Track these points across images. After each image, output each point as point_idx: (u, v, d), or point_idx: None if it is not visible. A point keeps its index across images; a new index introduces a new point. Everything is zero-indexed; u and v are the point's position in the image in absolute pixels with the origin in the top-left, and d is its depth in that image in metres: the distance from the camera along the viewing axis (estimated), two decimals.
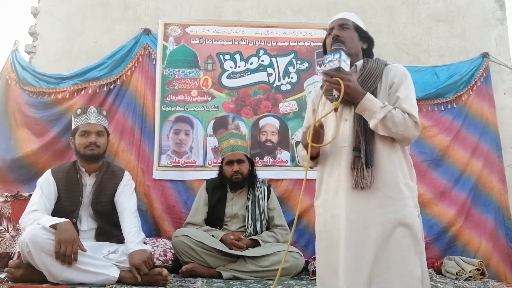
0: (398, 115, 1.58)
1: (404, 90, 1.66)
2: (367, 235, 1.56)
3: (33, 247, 2.17)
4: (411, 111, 1.61)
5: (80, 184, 2.58)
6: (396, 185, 1.60)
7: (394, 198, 1.58)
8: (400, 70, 1.73)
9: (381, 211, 1.57)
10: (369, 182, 1.58)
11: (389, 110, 1.58)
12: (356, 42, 1.78)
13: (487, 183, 3.65)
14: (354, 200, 1.61)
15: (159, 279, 2.34)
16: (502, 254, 3.49)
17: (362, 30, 1.82)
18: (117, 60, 3.67)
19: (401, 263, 1.54)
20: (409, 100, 1.65)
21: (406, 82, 1.69)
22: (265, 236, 3.03)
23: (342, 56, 1.56)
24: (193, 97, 3.72)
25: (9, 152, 3.39)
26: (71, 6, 3.85)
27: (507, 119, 3.90)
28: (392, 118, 1.57)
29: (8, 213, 3.03)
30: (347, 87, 1.55)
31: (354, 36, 1.78)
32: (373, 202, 1.59)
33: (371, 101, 1.60)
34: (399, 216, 1.57)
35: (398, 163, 1.63)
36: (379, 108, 1.58)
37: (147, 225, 3.33)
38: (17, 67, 3.59)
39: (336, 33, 1.75)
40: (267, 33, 3.90)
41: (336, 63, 1.55)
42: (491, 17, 4.13)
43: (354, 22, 1.81)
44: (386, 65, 1.78)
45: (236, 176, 3.10)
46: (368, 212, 1.58)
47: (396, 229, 1.56)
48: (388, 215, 1.57)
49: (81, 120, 2.60)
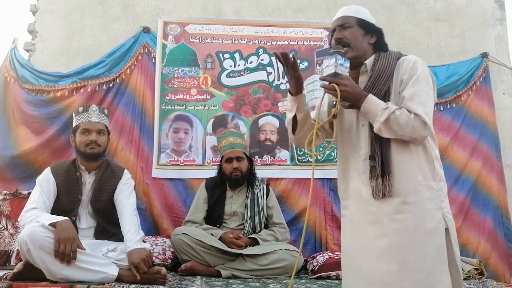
0: (403, 116, 1.48)
1: (412, 87, 1.54)
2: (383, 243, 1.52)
3: (32, 245, 2.16)
4: (417, 110, 1.49)
5: (79, 182, 2.57)
6: (414, 189, 1.53)
7: (412, 204, 1.52)
8: (410, 64, 1.59)
9: (397, 218, 1.52)
10: (387, 191, 1.52)
11: (392, 111, 1.49)
12: (361, 40, 1.67)
13: (486, 183, 3.66)
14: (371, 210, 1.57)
15: (158, 278, 2.33)
16: (501, 254, 3.51)
17: (367, 23, 1.69)
18: (116, 58, 3.66)
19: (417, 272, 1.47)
20: (417, 98, 1.52)
21: (415, 77, 1.55)
22: (264, 235, 3.03)
23: (338, 60, 1.51)
24: (193, 96, 3.72)
25: (8, 149, 3.39)
26: (70, 4, 3.84)
27: (506, 119, 3.91)
28: (396, 119, 1.48)
29: (7, 211, 3.02)
30: (344, 92, 1.51)
31: (358, 34, 1.66)
32: (390, 209, 1.53)
33: (373, 103, 1.53)
34: (416, 222, 1.50)
35: (417, 165, 1.56)
36: (381, 110, 1.50)
37: (146, 224, 3.33)
38: (16, 65, 3.58)
39: (337, 36, 1.66)
40: (266, 32, 3.90)
41: (332, 68, 1.51)
42: (490, 17, 4.14)
43: (357, 17, 1.68)
44: (399, 58, 1.64)
45: (235, 173, 3.10)
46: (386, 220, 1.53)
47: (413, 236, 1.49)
48: (404, 222, 1.51)
49: (82, 118, 2.60)
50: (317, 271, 2.90)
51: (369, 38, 1.69)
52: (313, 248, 3.47)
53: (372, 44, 1.70)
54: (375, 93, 1.58)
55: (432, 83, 1.60)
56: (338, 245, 3.28)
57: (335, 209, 3.52)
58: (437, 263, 1.48)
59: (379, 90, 1.59)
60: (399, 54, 1.67)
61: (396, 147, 1.56)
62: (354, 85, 1.55)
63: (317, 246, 3.47)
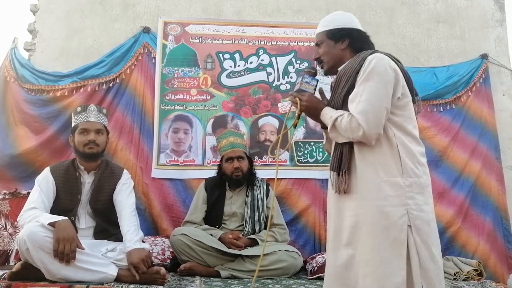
0: (343, 121, 1.58)
1: (356, 88, 1.59)
2: (342, 238, 1.59)
3: (31, 245, 2.16)
4: (354, 110, 1.55)
5: (78, 182, 2.57)
6: (373, 186, 1.54)
7: (368, 200, 1.54)
8: (366, 64, 1.59)
9: (354, 214, 1.57)
10: (343, 187, 1.60)
11: (335, 118, 1.60)
12: (332, 52, 1.77)
13: (485, 184, 3.66)
14: (334, 204, 1.67)
15: (157, 278, 2.34)
16: (500, 255, 3.51)
17: (335, 32, 1.76)
18: (116, 58, 3.66)
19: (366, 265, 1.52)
20: (357, 98, 1.56)
21: (363, 77, 1.57)
22: (263, 236, 3.02)
23: (304, 79, 1.75)
24: (193, 96, 3.72)
25: (7, 149, 3.38)
26: (71, 4, 3.84)
27: (505, 121, 3.91)
28: (339, 126, 1.59)
29: (6, 211, 3.02)
30: (303, 107, 1.71)
31: (329, 47, 1.78)
32: (349, 205, 1.59)
33: (325, 115, 1.68)
34: (371, 219, 1.52)
35: (379, 162, 1.56)
36: (329, 120, 1.63)
37: (145, 224, 3.33)
38: (16, 65, 3.57)
39: (315, 56, 1.84)
40: (266, 33, 3.90)
41: (298, 85, 1.76)
42: (490, 19, 4.14)
43: (326, 30, 1.78)
44: (365, 58, 1.63)
45: (236, 173, 3.09)
46: (345, 215, 1.60)
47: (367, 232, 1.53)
48: (360, 217, 1.55)
49: (80, 118, 2.60)
50: (316, 271, 2.90)
51: (340, 44, 1.77)
52: (312, 248, 3.47)
53: (346, 48, 1.76)
54: (336, 97, 1.69)
55: (386, 78, 1.56)
56: None
57: None
58: (389, 259, 1.48)
59: (339, 93, 1.68)
60: (369, 53, 1.65)
61: (359, 145, 1.61)
62: (313, 100, 1.72)
63: (316, 247, 3.47)
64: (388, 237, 1.49)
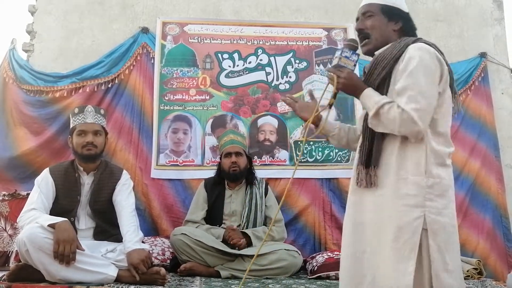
0: (391, 111, 1.44)
1: (404, 80, 1.46)
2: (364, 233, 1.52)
3: (31, 246, 2.16)
4: (405, 105, 1.42)
5: (78, 183, 2.57)
6: (394, 182, 1.48)
7: (386, 196, 1.49)
8: (408, 53, 1.50)
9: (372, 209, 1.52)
10: (367, 181, 1.52)
11: (381, 105, 1.46)
12: (383, 29, 1.62)
13: (485, 182, 3.66)
14: (355, 199, 1.58)
15: (157, 278, 2.34)
16: (500, 253, 3.51)
17: (391, 9, 1.63)
18: (115, 58, 3.66)
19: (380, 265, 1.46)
20: (407, 91, 1.44)
21: (410, 69, 1.46)
22: (260, 232, 3.02)
23: (344, 53, 1.57)
24: (192, 96, 3.71)
25: (7, 150, 3.38)
26: (69, 4, 3.84)
27: (504, 119, 3.92)
28: (384, 114, 1.46)
29: (5, 212, 3.02)
30: (341, 84, 1.56)
31: (381, 22, 1.62)
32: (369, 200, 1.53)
33: (367, 97, 1.53)
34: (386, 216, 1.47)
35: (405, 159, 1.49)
36: (373, 104, 1.49)
37: (145, 224, 3.32)
38: (14, 66, 3.57)
39: (358, 26, 1.65)
40: (265, 32, 3.90)
41: (337, 60, 1.59)
42: (489, 17, 4.14)
43: (381, 3, 1.63)
44: (409, 45, 1.54)
45: (234, 168, 3.08)
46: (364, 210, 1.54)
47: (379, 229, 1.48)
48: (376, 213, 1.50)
49: (78, 120, 2.59)
50: (316, 271, 2.90)
51: (393, 24, 1.64)
52: (312, 248, 3.47)
53: (398, 30, 1.64)
54: (371, 81, 1.58)
55: (435, 72, 1.49)
56: (337, 245, 3.28)
57: (334, 209, 3.53)
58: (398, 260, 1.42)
59: (374, 79, 1.58)
60: (412, 40, 1.56)
61: (389, 138, 1.53)
62: (353, 78, 1.57)
63: (316, 246, 3.47)
64: (400, 238, 1.42)
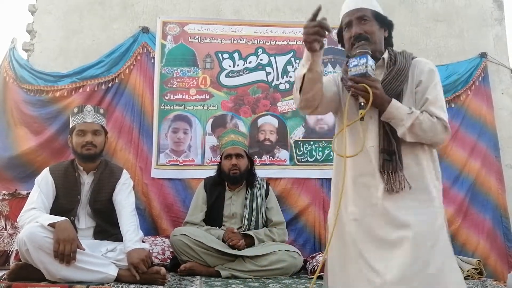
0: (426, 120, 1.52)
1: (433, 91, 1.58)
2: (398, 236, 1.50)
3: (31, 245, 2.16)
4: (440, 114, 1.55)
5: (78, 182, 2.57)
6: (425, 187, 1.56)
7: (422, 201, 1.54)
8: (427, 66, 1.62)
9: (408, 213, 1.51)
10: (403, 185, 1.52)
11: (416, 116, 1.51)
12: (378, 34, 1.63)
13: (485, 182, 3.66)
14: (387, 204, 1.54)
15: (157, 278, 2.33)
16: (500, 253, 3.51)
17: (382, 17, 1.65)
18: (115, 58, 3.66)
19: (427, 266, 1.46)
20: (438, 102, 1.57)
21: (435, 82, 1.60)
22: (262, 234, 3.02)
23: (369, 61, 1.49)
24: (192, 96, 3.71)
25: (7, 150, 3.38)
26: (69, 4, 3.84)
27: (504, 119, 3.92)
28: (420, 124, 1.52)
29: (6, 211, 3.02)
30: (374, 95, 1.48)
31: (376, 28, 1.63)
32: (402, 205, 1.52)
33: (397, 108, 1.53)
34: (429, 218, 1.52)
35: (426, 164, 1.58)
36: (406, 115, 1.51)
37: (145, 224, 3.32)
38: (14, 65, 3.57)
39: (357, 31, 1.60)
40: (265, 32, 3.90)
41: (363, 68, 1.48)
42: (489, 17, 4.14)
43: (373, 9, 1.63)
44: (413, 58, 1.65)
45: (234, 170, 3.06)
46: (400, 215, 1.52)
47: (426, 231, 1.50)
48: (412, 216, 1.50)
49: (77, 119, 2.58)
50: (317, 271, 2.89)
51: (384, 32, 1.67)
52: (312, 248, 3.47)
53: (386, 38, 1.68)
54: (390, 91, 1.57)
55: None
56: None
57: None
58: (446, 259, 1.50)
59: (394, 89, 1.58)
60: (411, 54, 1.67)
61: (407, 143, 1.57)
62: (382, 89, 1.54)
63: (316, 246, 3.47)
64: (442, 237, 1.52)
